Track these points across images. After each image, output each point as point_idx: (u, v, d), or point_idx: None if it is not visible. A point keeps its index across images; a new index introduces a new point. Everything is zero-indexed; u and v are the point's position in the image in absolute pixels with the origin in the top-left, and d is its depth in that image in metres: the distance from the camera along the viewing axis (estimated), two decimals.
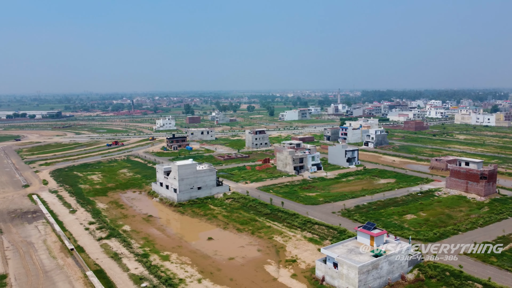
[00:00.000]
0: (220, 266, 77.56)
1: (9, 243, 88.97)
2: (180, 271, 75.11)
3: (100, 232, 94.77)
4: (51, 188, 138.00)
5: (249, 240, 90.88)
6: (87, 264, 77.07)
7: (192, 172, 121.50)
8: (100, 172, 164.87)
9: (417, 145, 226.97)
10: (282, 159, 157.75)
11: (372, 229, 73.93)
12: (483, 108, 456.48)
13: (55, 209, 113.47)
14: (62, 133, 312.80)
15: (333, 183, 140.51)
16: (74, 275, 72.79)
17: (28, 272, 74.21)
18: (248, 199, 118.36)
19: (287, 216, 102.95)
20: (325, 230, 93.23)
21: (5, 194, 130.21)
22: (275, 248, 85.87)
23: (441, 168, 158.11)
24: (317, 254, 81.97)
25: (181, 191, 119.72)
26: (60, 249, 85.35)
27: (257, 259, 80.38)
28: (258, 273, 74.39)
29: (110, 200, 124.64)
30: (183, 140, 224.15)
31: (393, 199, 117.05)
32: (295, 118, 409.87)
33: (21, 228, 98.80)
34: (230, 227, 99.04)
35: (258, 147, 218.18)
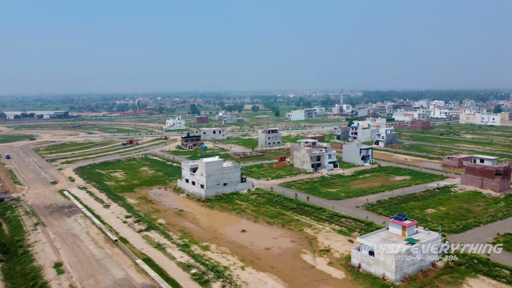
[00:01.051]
0: (259, 255, 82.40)
1: (55, 234, 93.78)
2: (222, 259, 79.93)
3: (138, 225, 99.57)
4: (79, 184, 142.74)
5: (281, 232, 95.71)
6: (134, 254, 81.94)
7: (218, 168, 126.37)
8: (122, 170, 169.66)
9: (426, 144, 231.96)
10: (300, 157, 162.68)
11: (403, 220, 78.86)
12: (486, 108, 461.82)
13: (89, 204, 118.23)
14: (74, 133, 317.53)
15: (351, 180, 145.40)
16: (125, 263, 77.63)
17: (80, 260, 79.06)
18: (273, 195, 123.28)
19: (313, 210, 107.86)
20: (352, 222, 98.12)
21: (36, 190, 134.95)
22: (307, 239, 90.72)
23: (454, 165, 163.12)
24: (348, 244, 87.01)
25: (208, 187, 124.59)
26: (105, 240, 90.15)
27: (292, 249, 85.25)
28: (296, 262, 79.25)
29: (139, 196, 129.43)
30: (198, 139, 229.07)
31: (412, 194, 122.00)
32: (301, 118, 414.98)
33: (61, 221, 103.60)
34: (260, 220, 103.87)
35: (271, 146, 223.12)
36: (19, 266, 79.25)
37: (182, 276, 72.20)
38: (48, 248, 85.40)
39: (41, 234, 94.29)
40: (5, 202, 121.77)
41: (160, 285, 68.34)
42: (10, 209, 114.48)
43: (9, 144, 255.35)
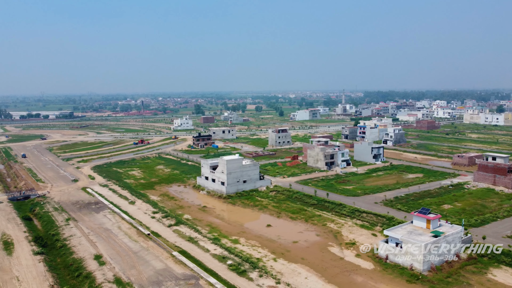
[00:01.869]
0: (288, 248, 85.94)
1: (88, 229, 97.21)
2: (254, 252, 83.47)
3: (167, 220, 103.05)
4: (100, 182, 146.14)
5: (305, 226, 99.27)
6: (169, 247, 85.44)
7: (238, 166, 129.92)
8: (138, 168, 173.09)
9: (433, 143, 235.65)
10: (313, 155, 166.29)
11: (427, 213, 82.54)
12: (489, 109, 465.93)
13: (114, 201, 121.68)
14: (84, 133, 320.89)
15: (365, 177, 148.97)
16: (162, 255, 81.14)
17: (119, 253, 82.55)
18: (292, 192, 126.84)
19: (334, 206, 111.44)
20: (373, 217, 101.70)
21: (60, 188, 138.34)
22: (331, 233, 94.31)
23: (463, 164, 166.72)
24: (372, 238, 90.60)
25: (229, 184, 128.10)
26: (137, 234, 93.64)
27: (319, 242, 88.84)
28: (324, 254, 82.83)
29: (160, 193, 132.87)
30: (209, 139, 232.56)
31: (427, 191, 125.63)
32: (306, 118, 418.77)
33: (91, 216, 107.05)
34: (283, 216, 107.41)
35: (281, 145, 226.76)
36: (59, 258, 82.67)
37: (219, 266, 75.70)
38: (84, 242, 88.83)
39: (74, 228, 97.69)
40: (32, 199, 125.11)
41: (201, 275, 71.86)
42: (39, 205, 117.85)
43: (22, 143, 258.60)
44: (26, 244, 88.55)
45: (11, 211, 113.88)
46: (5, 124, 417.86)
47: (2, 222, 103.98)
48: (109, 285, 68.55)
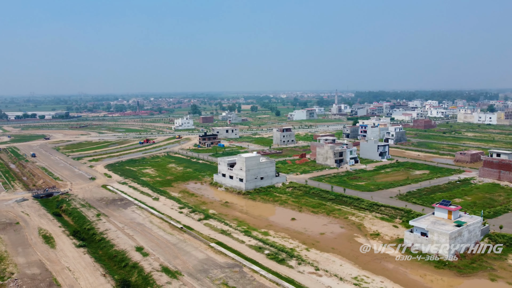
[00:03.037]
0: (316, 239, 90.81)
1: (121, 223, 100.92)
2: (286, 243, 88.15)
3: (195, 215, 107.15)
4: (118, 180, 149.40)
5: (328, 219, 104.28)
6: (205, 239, 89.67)
7: (256, 163, 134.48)
8: (150, 167, 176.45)
9: (432, 141, 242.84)
10: (322, 153, 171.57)
11: (448, 205, 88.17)
12: (480, 108, 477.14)
13: (138, 197, 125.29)
14: (85, 133, 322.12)
15: (374, 174, 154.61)
16: (200, 246, 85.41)
17: (158, 244, 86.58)
18: (308, 187, 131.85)
19: (352, 200, 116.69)
20: (392, 211, 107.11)
21: (80, 186, 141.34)
22: (354, 225, 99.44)
23: (466, 161, 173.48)
24: (393, 229, 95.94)
25: (248, 181, 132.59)
26: (171, 228, 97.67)
27: (344, 234, 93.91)
28: (352, 244, 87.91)
29: (179, 190, 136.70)
30: (214, 138, 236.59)
31: (437, 186, 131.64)
32: (303, 117, 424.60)
33: (120, 212, 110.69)
34: (305, 210, 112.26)
35: (286, 144, 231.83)
36: (100, 251, 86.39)
37: (258, 256, 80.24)
38: (122, 235, 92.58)
39: (107, 223, 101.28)
40: (56, 196, 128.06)
41: (243, 263, 76.36)
42: (65, 202, 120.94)
43: (26, 143, 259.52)
44: (65, 238, 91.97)
45: (39, 207, 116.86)
46: (3, 125, 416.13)
47: (35, 217, 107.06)
48: (158, 274, 72.62)
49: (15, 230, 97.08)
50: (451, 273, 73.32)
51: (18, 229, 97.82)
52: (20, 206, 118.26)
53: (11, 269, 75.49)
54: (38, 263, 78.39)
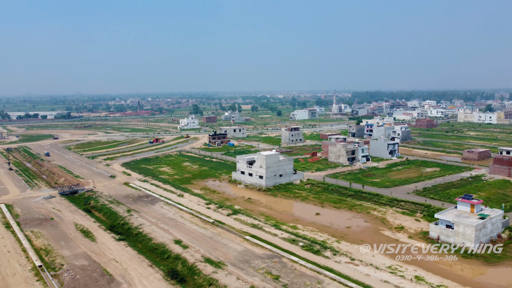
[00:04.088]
0: (344, 232, 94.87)
1: (153, 218, 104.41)
2: (316, 236, 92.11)
3: (223, 210, 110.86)
4: (138, 178, 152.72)
5: (351, 214, 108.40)
6: (238, 232, 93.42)
7: (275, 161, 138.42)
8: (166, 165, 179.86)
9: (436, 140, 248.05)
10: (335, 151, 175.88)
11: (470, 199, 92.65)
12: (478, 108, 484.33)
13: (162, 194, 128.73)
14: (92, 132, 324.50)
15: (386, 171, 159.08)
16: (235, 239, 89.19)
17: (195, 238, 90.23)
18: (327, 184, 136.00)
19: (372, 196, 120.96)
20: (412, 205, 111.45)
21: (102, 183, 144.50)
22: (378, 219, 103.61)
23: (474, 158, 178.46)
24: (416, 223, 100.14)
25: (268, 178, 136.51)
26: (202, 222, 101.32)
27: (370, 227, 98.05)
28: (379, 236, 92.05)
29: (200, 187, 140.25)
30: (224, 137, 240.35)
31: (451, 182, 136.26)
32: (305, 117, 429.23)
33: (149, 208, 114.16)
34: (327, 205, 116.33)
35: (295, 142, 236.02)
36: (140, 244, 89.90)
37: (293, 248, 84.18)
38: (157, 229, 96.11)
39: (140, 218, 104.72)
40: (81, 193, 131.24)
41: (281, 254, 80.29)
42: (92, 199, 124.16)
43: (36, 143, 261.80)
44: (103, 232, 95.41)
45: (69, 204, 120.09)
46: (6, 125, 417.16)
47: (67, 213, 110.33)
48: (202, 264, 76.34)
49: (52, 225, 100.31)
50: (479, 263, 77.67)
51: (54, 224, 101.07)
52: (50, 202, 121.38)
53: (60, 261, 78.88)
54: (84, 255, 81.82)
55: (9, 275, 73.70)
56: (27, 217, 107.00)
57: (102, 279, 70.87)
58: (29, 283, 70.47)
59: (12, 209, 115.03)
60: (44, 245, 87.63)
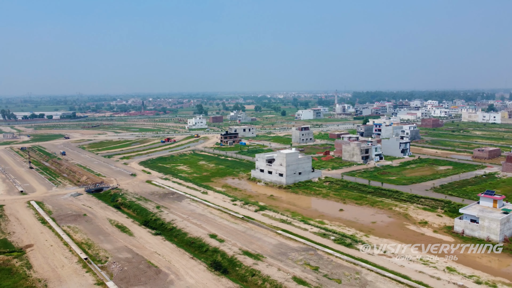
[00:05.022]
0: (370, 227, 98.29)
1: (184, 214, 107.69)
2: (344, 230, 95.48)
3: (249, 206, 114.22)
4: (159, 176, 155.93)
5: (374, 210, 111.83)
6: (269, 227, 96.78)
7: (295, 159, 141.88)
8: (182, 164, 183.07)
9: (444, 139, 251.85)
10: (349, 150, 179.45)
11: (493, 194, 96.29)
12: (481, 108, 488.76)
13: (187, 192, 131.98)
14: (101, 132, 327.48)
15: (401, 169, 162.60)
16: (268, 234, 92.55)
17: (229, 232, 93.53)
18: (345, 181, 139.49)
19: (391, 193, 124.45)
20: (432, 202, 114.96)
21: (125, 181, 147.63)
22: (401, 215, 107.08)
23: (484, 157, 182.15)
24: (438, 218, 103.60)
25: (288, 176, 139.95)
26: (232, 218, 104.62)
27: (394, 222, 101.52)
28: (405, 231, 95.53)
29: (221, 185, 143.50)
30: (235, 136, 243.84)
31: (466, 180, 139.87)
32: (310, 117, 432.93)
33: (177, 204, 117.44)
34: (349, 202, 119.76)
35: (305, 142, 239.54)
36: (176, 238, 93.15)
37: (325, 241, 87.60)
38: (190, 224, 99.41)
39: (171, 214, 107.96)
40: (107, 190, 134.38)
41: (315, 247, 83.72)
42: (119, 196, 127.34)
43: (49, 142, 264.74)
44: (138, 227, 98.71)
45: (97, 201, 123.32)
46: (14, 124, 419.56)
47: (98, 210, 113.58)
48: (242, 257, 79.69)
49: (86, 221, 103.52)
50: (505, 255, 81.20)
51: (89, 220, 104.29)
52: (78, 200, 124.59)
53: (104, 254, 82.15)
54: (126, 248, 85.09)
55: (58, 267, 76.90)
56: (60, 213, 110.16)
57: (149, 270, 74.20)
58: (79, 274, 73.69)
59: (43, 205, 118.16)
60: (84, 239, 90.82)
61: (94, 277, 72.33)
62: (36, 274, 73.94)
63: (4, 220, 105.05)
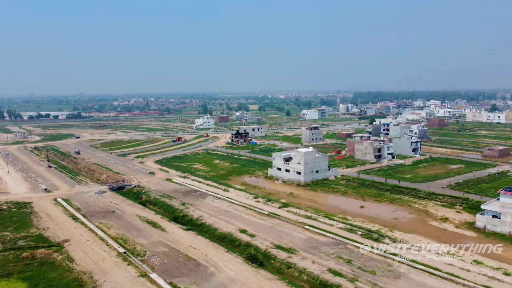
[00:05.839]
0: (393, 222, 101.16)
1: (210, 211, 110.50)
2: (368, 226, 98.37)
3: (272, 203, 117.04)
4: (177, 174, 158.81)
5: (394, 207, 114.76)
6: (296, 223, 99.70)
7: (313, 158, 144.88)
8: (197, 163, 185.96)
9: (451, 139, 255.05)
10: (361, 149, 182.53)
11: None
12: (484, 108, 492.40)
13: (208, 189, 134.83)
14: (110, 132, 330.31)
15: (414, 168, 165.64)
16: (296, 229, 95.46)
17: (258, 227, 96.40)
18: (362, 179, 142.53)
19: (409, 191, 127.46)
20: (450, 199, 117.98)
21: (146, 179, 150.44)
22: (421, 211, 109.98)
23: (494, 156, 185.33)
24: (458, 214, 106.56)
25: (306, 174, 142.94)
26: (258, 214, 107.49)
27: (416, 218, 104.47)
28: (427, 226, 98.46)
29: (239, 182, 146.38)
30: (246, 136, 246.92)
31: (480, 178, 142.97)
32: (315, 117, 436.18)
33: (201, 201, 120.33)
34: (368, 199, 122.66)
35: (315, 141, 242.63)
36: (206, 233, 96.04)
37: (353, 236, 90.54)
38: (218, 220, 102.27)
39: (197, 211, 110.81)
40: (129, 188, 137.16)
41: (344, 241, 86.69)
42: (142, 194, 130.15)
43: (60, 142, 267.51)
44: (168, 223, 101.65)
45: (122, 198, 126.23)
46: (21, 124, 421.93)
47: (125, 207, 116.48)
48: (275, 250, 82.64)
49: (116, 217, 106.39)
50: None
51: (118, 216, 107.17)
52: (103, 197, 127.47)
53: (141, 248, 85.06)
54: (161, 243, 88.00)
55: (99, 260, 79.79)
56: (89, 210, 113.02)
57: (189, 263, 77.13)
58: (121, 267, 76.59)
59: (70, 203, 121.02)
60: (118, 234, 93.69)
61: (137, 269, 75.19)
62: (80, 267, 76.78)
63: (36, 217, 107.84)
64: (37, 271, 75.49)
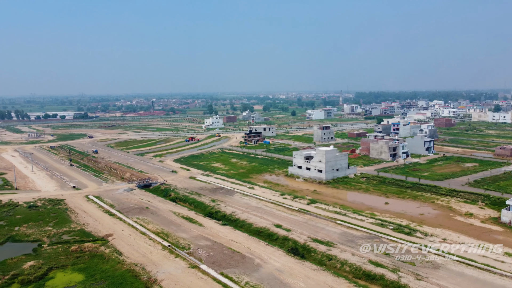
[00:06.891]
0: (420, 218, 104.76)
1: (240, 207, 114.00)
2: (396, 221, 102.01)
3: (300, 200, 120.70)
4: (199, 173, 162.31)
5: (418, 203, 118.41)
6: (327, 218, 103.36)
7: (333, 156, 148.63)
8: (215, 161, 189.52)
9: (460, 138, 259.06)
10: (377, 148, 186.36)
11: None
12: (488, 108, 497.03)
13: (234, 187, 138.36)
14: (121, 131, 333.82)
15: (430, 166, 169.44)
16: (329, 224, 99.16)
17: (292, 222, 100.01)
18: (382, 177, 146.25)
19: (430, 188, 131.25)
20: (471, 195, 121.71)
21: (170, 177, 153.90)
22: (445, 207, 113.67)
23: (506, 155, 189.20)
24: (481, 210, 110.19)
25: (327, 172, 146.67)
26: (288, 210, 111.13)
27: (441, 214, 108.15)
28: (454, 222, 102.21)
29: (261, 180, 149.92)
30: (259, 135, 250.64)
31: (497, 176, 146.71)
32: (322, 117, 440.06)
33: (230, 198, 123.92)
34: (391, 196, 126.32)
35: (327, 140, 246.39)
36: (242, 228, 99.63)
37: (385, 230, 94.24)
38: (251, 216, 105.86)
39: (228, 207, 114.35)
40: (156, 186, 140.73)
41: (377, 235, 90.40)
42: (170, 191, 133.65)
43: (75, 141, 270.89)
44: (204, 219, 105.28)
45: (152, 195, 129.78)
46: (30, 124, 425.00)
47: (157, 203, 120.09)
48: (313, 244, 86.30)
49: (152, 213, 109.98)
50: None
51: (154, 212, 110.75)
52: (133, 194, 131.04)
53: (184, 242, 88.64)
54: (202, 237, 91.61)
55: (147, 253, 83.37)
56: (123, 207, 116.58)
57: (234, 255, 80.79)
58: (169, 259, 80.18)
59: (102, 199, 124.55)
60: (158, 229, 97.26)
61: (185, 261, 78.77)
62: (129, 259, 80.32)
63: (73, 213, 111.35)
64: (89, 263, 79.03)
